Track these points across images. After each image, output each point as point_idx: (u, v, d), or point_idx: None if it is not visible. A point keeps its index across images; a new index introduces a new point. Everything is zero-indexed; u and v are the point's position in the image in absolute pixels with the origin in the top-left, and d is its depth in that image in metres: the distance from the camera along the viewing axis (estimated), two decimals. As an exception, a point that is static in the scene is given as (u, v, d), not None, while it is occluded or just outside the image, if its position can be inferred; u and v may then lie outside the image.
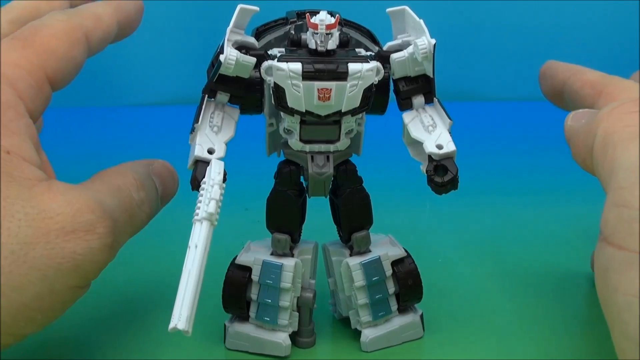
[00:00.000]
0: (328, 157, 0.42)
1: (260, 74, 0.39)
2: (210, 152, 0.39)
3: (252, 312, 0.43)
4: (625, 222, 0.32)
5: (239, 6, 0.39)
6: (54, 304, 0.36)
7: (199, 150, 0.38)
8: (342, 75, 0.38)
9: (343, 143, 0.41)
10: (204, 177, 0.37)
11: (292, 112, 0.39)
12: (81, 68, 0.41)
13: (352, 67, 0.38)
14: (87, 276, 0.36)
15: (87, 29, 0.41)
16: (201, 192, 0.37)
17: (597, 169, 0.37)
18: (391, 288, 0.44)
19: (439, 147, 0.40)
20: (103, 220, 0.36)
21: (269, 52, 0.40)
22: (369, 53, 0.40)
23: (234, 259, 0.44)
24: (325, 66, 0.38)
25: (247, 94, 0.40)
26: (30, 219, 0.34)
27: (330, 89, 0.38)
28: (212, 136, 0.39)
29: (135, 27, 0.45)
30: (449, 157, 0.40)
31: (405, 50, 0.40)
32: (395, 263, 0.44)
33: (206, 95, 0.40)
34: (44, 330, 0.46)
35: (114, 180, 0.40)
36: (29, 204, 0.34)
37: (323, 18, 0.37)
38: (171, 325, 0.34)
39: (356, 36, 0.41)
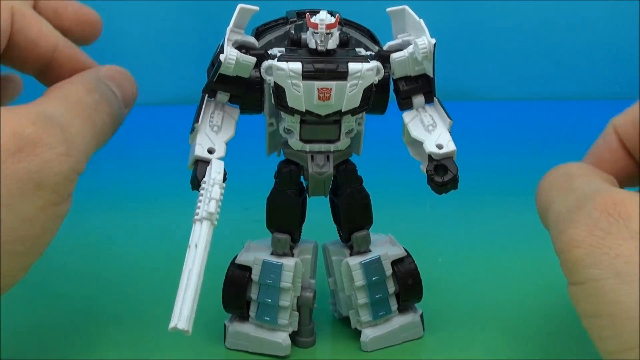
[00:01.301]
0: (328, 157, 0.42)
1: (260, 73, 0.39)
2: (211, 151, 0.39)
3: (252, 312, 0.43)
4: None
5: (239, 6, 0.39)
6: (34, 230, 0.34)
7: (199, 150, 0.38)
8: (342, 75, 0.38)
9: (343, 143, 0.41)
10: (204, 176, 0.37)
11: (292, 111, 0.39)
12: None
13: (352, 66, 0.38)
14: (54, 190, 0.34)
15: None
16: (201, 191, 0.37)
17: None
18: (391, 288, 0.44)
19: (439, 146, 0.40)
20: (48, 129, 0.34)
21: (269, 51, 0.40)
22: (369, 53, 0.40)
23: (234, 258, 0.44)
24: (325, 66, 0.38)
25: (247, 93, 0.40)
26: None
27: (330, 89, 0.38)
28: (212, 136, 0.39)
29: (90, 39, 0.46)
30: (449, 156, 0.40)
31: (405, 50, 0.40)
32: (395, 263, 0.44)
33: (206, 95, 0.40)
34: (44, 330, 0.46)
35: (61, 90, 0.38)
36: None
37: (323, 18, 0.37)
38: (171, 325, 0.34)
39: (356, 36, 0.41)
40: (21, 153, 0.33)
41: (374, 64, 0.38)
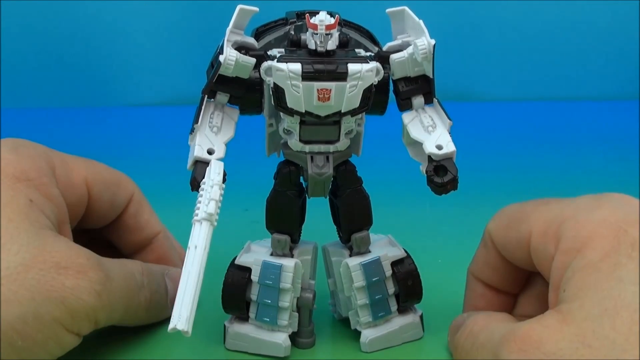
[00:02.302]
0: (328, 158, 0.41)
1: (259, 74, 0.39)
2: (210, 152, 0.39)
3: (252, 313, 0.43)
4: None
5: (239, 7, 0.39)
6: (37, 335, 0.36)
7: (199, 151, 0.38)
8: (342, 76, 0.38)
9: (343, 143, 0.41)
10: (203, 177, 0.37)
11: (291, 112, 0.39)
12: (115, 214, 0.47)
13: (352, 67, 0.38)
14: (72, 315, 0.37)
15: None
16: (201, 192, 0.37)
17: None
18: (391, 288, 0.44)
19: (439, 147, 0.40)
20: (97, 269, 0.38)
21: (269, 52, 0.40)
22: (368, 53, 0.40)
23: (234, 259, 0.44)
24: (324, 66, 0.38)
25: (246, 94, 0.40)
26: (31, 247, 0.36)
27: (330, 90, 0.38)
28: (212, 137, 0.39)
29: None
30: (448, 157, 0.40)
31: (405, 51, 0.40)
32: (395, 263, 0.44)
33: (206, 96, 0.40)
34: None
35: (122, 260, 0.42)
36: (34, 237, 0.37)
37: (323, 18, 0.37)
38: (171, 326, 0.34)
39: (356, 37, 0.41)
40: (66, 270, 0.37)
41: (374, 64, 0.38)
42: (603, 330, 0.31)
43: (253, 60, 0.39)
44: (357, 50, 0.41)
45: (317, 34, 0.38)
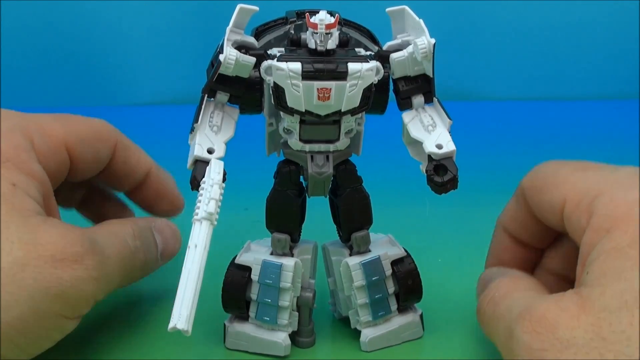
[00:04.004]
0: (328, 157, 0.41)
1: (259, 73, 0.39)
2: (210, 151, 0.39)
3: (252, 312, 0.43)
4: None
5: (239, 6, 0.39)
6: (39, 330, 0.36)
7: (199, 150, 0.38)
8: (342, 75, 0.38)
9: (343, 143, 0.41)
10: (203, 176, 0.37)
11: (291, 111, 0.39)
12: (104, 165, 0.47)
13: (352, 66, 0.38)
14: (73, 305, 0.37)
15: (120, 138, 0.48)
16: (201, 191, 0.37)
17: None
18: (391, 288, 0.44)
19: (439, 146, 0.40)
20: (91, 254, 0.38)
21: (269, 51, 0.40)
22: (368, 53, 0.40)
23: (234, 258, 0.44)
24: (324, 66, 0.38)
25: (246, 93, 0.40)
26: (22, 242, 0.36)
27: (330, 89, 0.38)
28: (212, 136, 0.39)
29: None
30: (448, 156, 0.40)
31: (404, 50, 0.40)
32: (394, 263, 0.44)
33: (206, 95, 0.40)
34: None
35: (112, 226, 0.42)
36: (24, 230, 0.36)
37: (323, 18, 0.37)
38: (171, 325, 0.34)
39: (356, 36, 0.41)
40: (61, 262, 0.36)
41: (374, 64, 0.38)
42: (620, 324, 0.30)
43: (253, 59, 0.39)
44: (357, 49, 0.41)
45: (317, 33, 0.38)
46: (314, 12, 0.38)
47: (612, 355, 0.30)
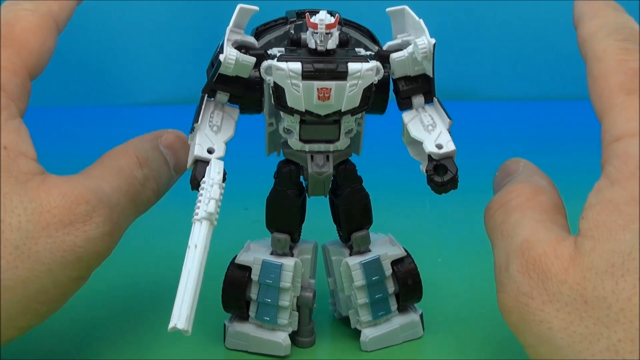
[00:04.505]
0: (328, 157, 0.41)
1: (260, 73, 0.39)
2: (210, 151, 0.39)
3: (252, 312, 0.43)
4: None
5: (239, 6, 0.39)
6: (57, 296, 0.36)
7: (199, 150, 0.38)
8: (342, 75, 0.38)
9: (343, 143, 0.41)
10: (203, 176, 0.37)
11: (291, 111, 0.39)
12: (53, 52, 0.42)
13: (352, 66, 0.38)
14: (89, 266, 0.37)
15: (55, 14, 0.42)
16: (201, 191, 0.37)
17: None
18: (391, 288, 0.44)
19: (439, 146, 0.40)
20: (99, 209, 0.36)
21: (269, 51, 0.40)
22: (368, 52, 0.40)
23: (234, 258, 0.44)
24: (324, 66, 0.38)
25: (246, 93, 0.40)
26: (29, 213, 0.35)
27: (330, 89, 0.38)
28: (212, 136, 0.39)
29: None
30: (448, 156, 0.40)
31: (405, 50, 0.40)
32: (394, 263, 0.44)
33: (206, 95, 0.40)
34: (43, 330, 0.46)
35: (115, 161, 0.40)
36: (26, 198, 0.35)
37: (323, 17, 0.37)
38: (171, 325, 0.34)
39: (356, 36, 0.41)
40: (71, 226, 0.35)
41: (374, 63, 0.38)
42: (603, 289, 0.29)
43: (253, 59, 0.39)
44: (357, 49, 0.41)
45: (317, 33, 0.38)
46: (314, 12, 0.38)
47: (591, 321, 0.29)
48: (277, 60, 0.38)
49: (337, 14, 0.38)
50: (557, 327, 0.30)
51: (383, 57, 0.40)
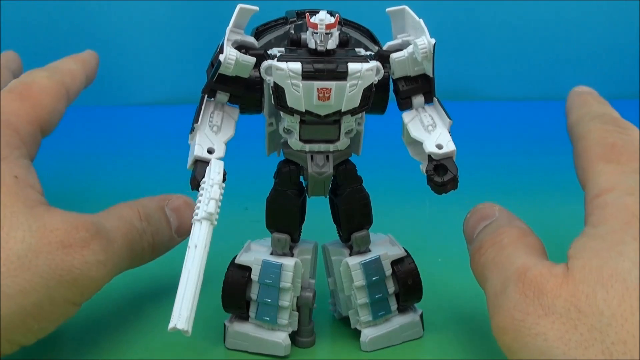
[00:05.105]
0: (328, 157, 0.41)
1: (259, 73, 0.39)
2: (210, 151, 0.39)
3: (252, 312, 0.43)
4: None
5: (239, 6, 0.39)
6: (50, 316, 0.38)
7: (199, 150, 0.38)
8: (342, 75, 0.38)
9: (343, 143, 0.41)
10: (203, 176, 0.37)
11: (291, 111, 0.39)
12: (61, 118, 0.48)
13: (352, 66, 0.38)
14: (83, 292, 0.39)
15: (67, 84, 0.49)
16: (201, 191, 0.37)
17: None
18: (391, 288, 0.44)
19: (439, 146, 0.40)
20: (97, 238, 0.39)
21: (269, 51, 0.40)
22: (368, 53, 0.40)
23: (234, 258, 0.44)
24: (324, 66, 0.38)
25: (246, 93, 0.40)
26: (33, 230, 0.37)
27: (330, 89, 0.38)
28: (212, 136, 0.39)
29: (95, 76, 0.56)
30: (448, 156, 0.40)
31: (405, 50, 0.40)
32: (395, 263, 0.44)
33: (206, 95, 0.40)
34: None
35: (119, 210, 0.43)
36: (32, 218, 0.37)
37: (323, 17, 0.37)
38: (171, 325, 0.34)
39: (356, 36, 0.41)
40: (71, 248, 0.37)
41: (374, 63, 0.38)
42: (595, 298, 0.32)
43: (253, 59, 0.39)
44: (357, 49, 0.41)
45: (317, 33, 0.38)
46: (314, 12, 0.38)
47: (586, 328, 0.31)
48: (277, 60, 0.38)
49: (337, 14, 0.38)
50: (552, 338, 0.32)
51: (383, 57, 0.40)
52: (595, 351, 0.31)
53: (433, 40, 0.38)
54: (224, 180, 0.37)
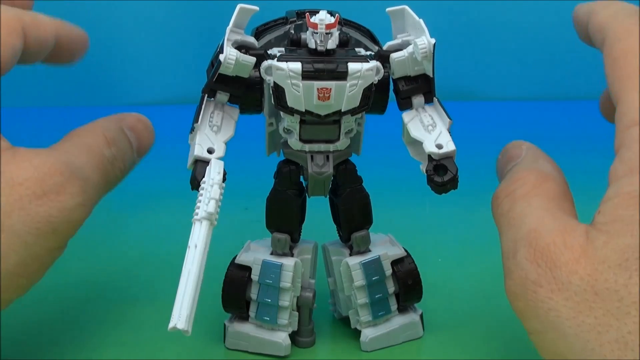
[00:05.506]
0: (328, 157, 0.41)
1: (260, 73, 0.39)
2: (210, 151, 0.39)
3: (252, 312, 0.43)
4: None
5: (239, 6, 0.39)
6: (36, 268, 0.36)
7: (199, 150, 0.38)
8: (342, 75, 0.38)
9: (343, 143, 0.41)
10: (203, 176, 0.37)
11: (291, 111, 0.39)
12: (17, 60, 0.42)
13: (352, 66, 0.38)
14: (64, 236, 0.37)
15: (25, 22, 0.42)
16: (201, 191, 0.37)
17: None
18: (391, 288, 0.44)
19: (439, 146, 0.40)
20: (72, 180, 0.36)
21: (269, 51, 0.40)
22: (368, 52, 0.40)
23: (234, 258, 0.44)
24: (325, 66, 0.38)
25: (246, 93, 0.40)
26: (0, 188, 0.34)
27: (330, 89, 0.38)
28: (212, 136, 0.39)
29: (77, 56, 0.47)
30: (448, 156, 0.40)
31: (405, 50, 0.40)
32: (395, 263, 0.44)
33: (206, 95, 0.40)
34: (44, 330, 0.46)
35: (84, 139, 0.40)
36: None
37: (323, 17, 0.37)
38: (171, 325, 0.34)
39: (356, 36, 0.41)
40: (45, 197, 0.35)
41: (374, 63, 0.38)
42: (615, 282, 0.29)
43: (253, 59, 0.39)
44: (357, 49, 0.41)
45: (317, 33, 0.38)
46: (314, 12, 0.38)
47: (601, 312, 0.29)
48: (277, 60, 0.38)
49: (337, 14, 0.38)
50: (565, 316, 0.30)
51: (383, 57, 0.40)
52: (609, 338, 0.29)
53: (433, 40, 0.38)
54: (224, 180, 0.37)
